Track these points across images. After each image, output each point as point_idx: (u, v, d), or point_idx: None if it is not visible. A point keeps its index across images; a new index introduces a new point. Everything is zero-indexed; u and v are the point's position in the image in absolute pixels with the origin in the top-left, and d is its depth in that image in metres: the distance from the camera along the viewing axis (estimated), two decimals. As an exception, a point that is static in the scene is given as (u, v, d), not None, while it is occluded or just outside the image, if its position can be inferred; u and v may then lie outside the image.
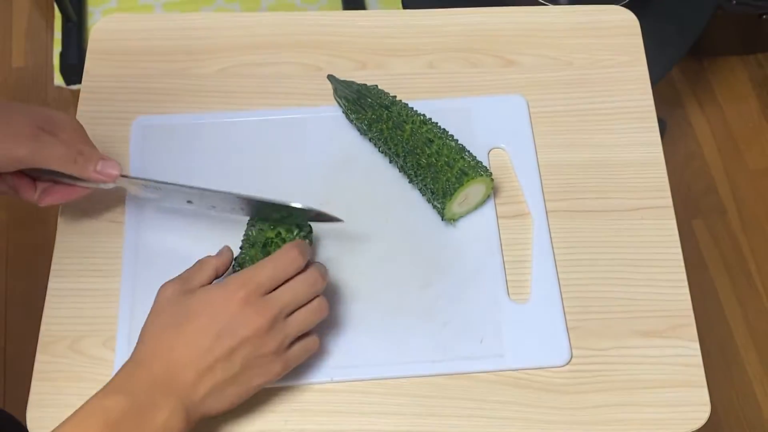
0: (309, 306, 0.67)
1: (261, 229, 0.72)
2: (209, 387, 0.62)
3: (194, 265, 0.68)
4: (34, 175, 0.72)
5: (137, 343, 0.65)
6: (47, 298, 0.75)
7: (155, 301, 0.66)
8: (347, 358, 0.72)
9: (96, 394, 0.61)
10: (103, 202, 0.79)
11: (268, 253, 0.70)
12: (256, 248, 0.71)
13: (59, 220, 0.78)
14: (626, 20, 0.90)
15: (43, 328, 0.74)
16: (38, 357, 0.72)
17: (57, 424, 0.69)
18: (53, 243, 0.77)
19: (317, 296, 0.67)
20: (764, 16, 1.68)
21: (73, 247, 0.77)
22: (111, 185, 0.73)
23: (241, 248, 0.72)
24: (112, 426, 0.58)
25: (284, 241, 0.71)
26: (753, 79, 1.86)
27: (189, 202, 0.74)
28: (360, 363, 0.72)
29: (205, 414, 0.63)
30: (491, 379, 0.72)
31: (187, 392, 0.62)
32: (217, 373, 0.62)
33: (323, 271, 0.68)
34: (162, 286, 0.67)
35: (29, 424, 0.70)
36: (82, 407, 0.60)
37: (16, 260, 1.62)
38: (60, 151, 0.69)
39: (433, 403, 0.71)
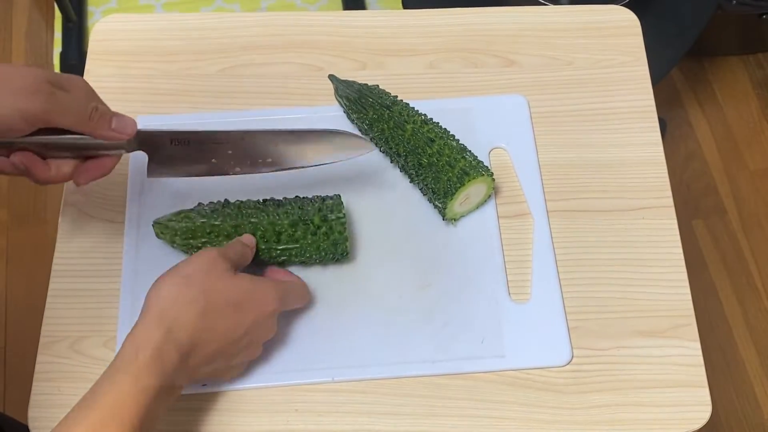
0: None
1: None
2: (211, 370, 0.66)
3: (234, 244, 0.70)
4: (43, 154, 0.67)
5: (161, 292, 0.63)
6: (48, 298, 0.75)
7: (192, 261, 0.65)
8: (348, 358, 0.72)
9: (127, 372, 0.59)
10: (103, 202, 0.79)
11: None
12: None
13: (60, 220, 0.78)
14: (627, 20, 0.90)
15: (43, 328, 0.74)
16: (39, 357, 0.72)
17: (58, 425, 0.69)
18: (53, 243, 0.77)
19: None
20: (764, 16, 1.67)
21: (74, 248, 0.77)
22: (136, 149, 0.69)
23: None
24: (149, 407, 0.59)
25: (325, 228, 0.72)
26: (753, 79, 1.86)
27: (214, 162, 0.71)
28: (361, 363, 0.72)
29: (187, 379, 0.65)
30: (492, 379, 0.72)
31: (195, 370, 0.64)
32: (218, 362, 0.66)
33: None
34: (202, 252, 0.67)
35: (30, 424, 0.70)
36: (112, 387, 0.59)
37: (16, 260, 1.62)
38: (74, 107, 0.64)
39: (433, 403, 0.71)
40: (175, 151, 0.70)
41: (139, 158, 0.81)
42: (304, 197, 0.75)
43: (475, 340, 0.73)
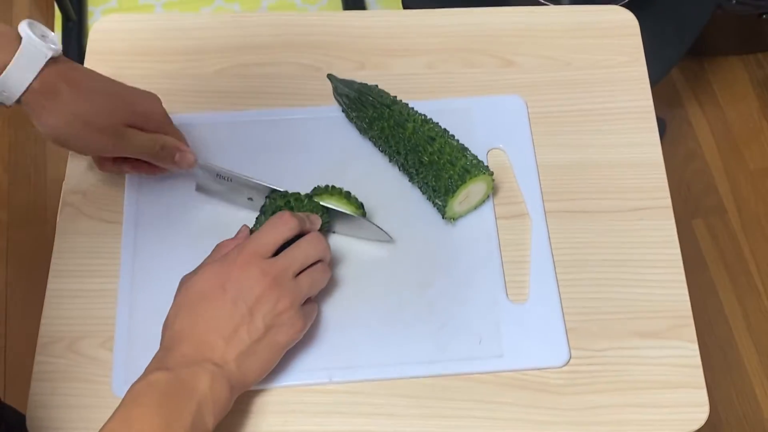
0: (315, 267, 0.70)
1: (273, 199, 0.75)
2: (239, 351, 0.64)
3: (213, 251, 0.71)
4: None
5: (162, 334, 0.67)
6: (46, 298, 0.75)
7: (175, 296, 0.68)
8: (346, 358, 0.72)
9: (135, 381, 0.62)
10: (101, 202, 0.79)
11: None
12: (267, 216, 0.73)
13: (58, 220, 0.78)
14: (626, 20, 0.90)
15: (41, 328, 0.74)
16: (37, 358, 0.72)
17: (57, 425, 0.70)
18: (53, 243, 0.77)
19: (320, 261, 0.70)
20: (764, 16, 1.67)
21: (72, 248, 0.77)
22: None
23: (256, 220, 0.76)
24: (165, 395, 0.60)
25: (292, 210, 0.73)
26: (753, 79, 1.86)
27: (250, 199, 0.76)
28: (359, 364, 0.72)
29: (244, 381, 0.65)
30: (490, 379, 0.72)
31: (221, 359, 0.64)
32: (243, 337, 0.65)
33: (324, 238, 0.71)
34: (180, 282, 0.69)
35: (29, 424, 0.70)
36: (127, 394, 0.61)
37: (16, 260, 1.62)
38: (143, 145, 0.71)
39: (431, 404, 0.71)
40: (218, 183, 0.76)
41: (137, 158, 0.81)
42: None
43: (473, 341, 0.73)
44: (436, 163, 0.75)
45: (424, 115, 0.79)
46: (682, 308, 0.75)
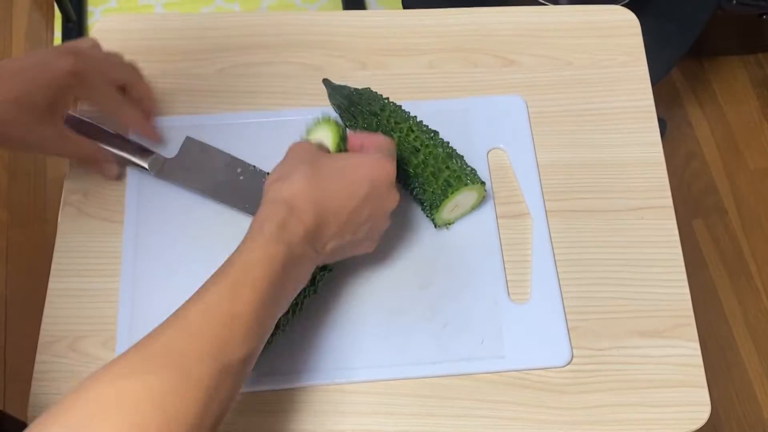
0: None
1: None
2: (337, 244, 0.66)
3: (290, 150, 0.70)
4: None
5: (274, 183, 0.65)
6: (47, 298, 0.75)
7: (289, 155, 0.68)
8: (348, 360, 0.72)
9: (255, 241, 0.61)
10: (102, 202, 0.79)
11: None
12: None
13: (59, 220, 0.78)
14: (626, 20, 0.90)
15: (43, 328, 0.74)
16: (38, 357, 0.72)
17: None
18: (53, 243, 0.77)
19: None
20: (764, 16, 1.68)
21: (73, 247, 0.77)
22: None
23: None
24: (278, 273, 0.60)
25: None
26: (753, 79, 1.86)
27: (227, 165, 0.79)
28: (361, 365, 0.72)
29: (321, 263, 0.68)
30: (491, 379, 0.72)
31: (323, 244, 0.65)
32: (346, 236, 0.66)
33: None
34: (294, 144, 0.69)
35: (30, 423, 0.70)
36: (241, 255, 0.61)
37: (16, 260, 1.62)
38: (72, 152, 0.76)
39: (433, 403, 0.71)
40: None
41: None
42: None
43: (474, 341, 0.73)
44: (420, 175, 0.75)
45: (413, 119, 0.78)
46: (683, 307, 0.75)
